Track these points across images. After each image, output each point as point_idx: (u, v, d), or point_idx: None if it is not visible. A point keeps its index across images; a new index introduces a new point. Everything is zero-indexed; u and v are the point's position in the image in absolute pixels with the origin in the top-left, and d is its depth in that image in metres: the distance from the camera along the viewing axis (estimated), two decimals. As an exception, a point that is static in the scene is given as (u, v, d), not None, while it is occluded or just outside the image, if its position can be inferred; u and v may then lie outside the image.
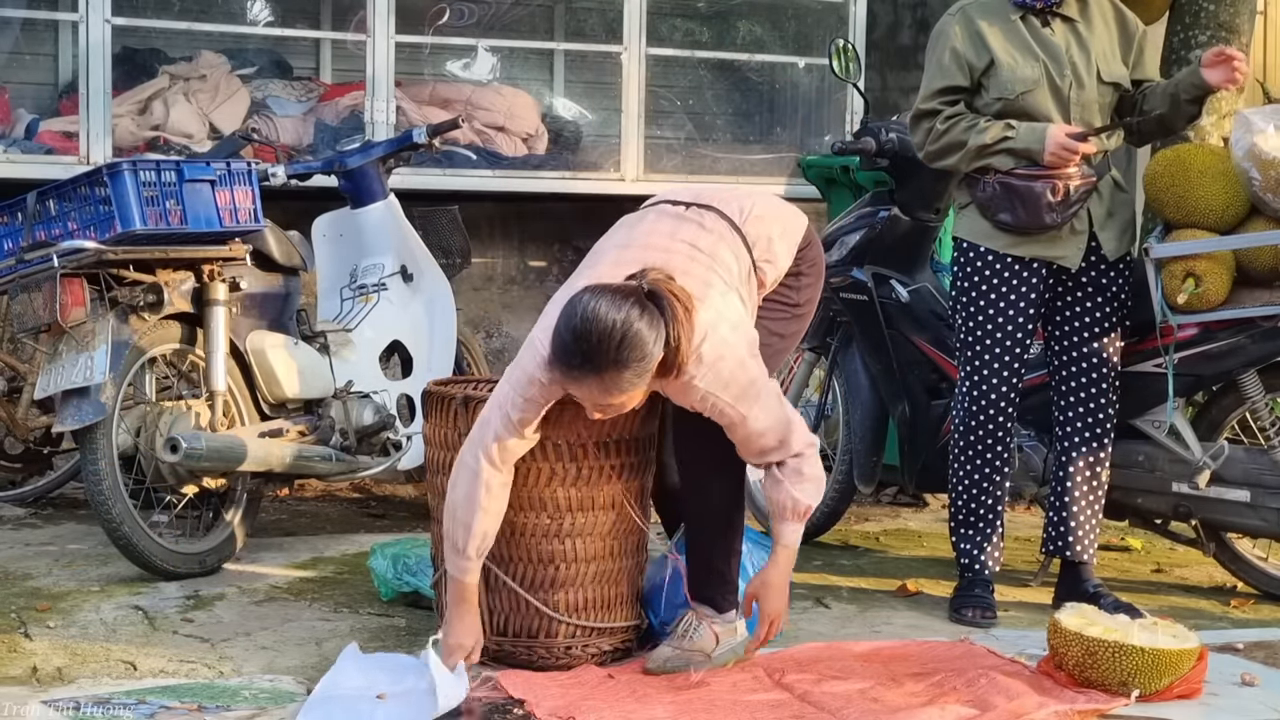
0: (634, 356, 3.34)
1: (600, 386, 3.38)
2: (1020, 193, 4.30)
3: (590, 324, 3.33)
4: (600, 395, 3.41)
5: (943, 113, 4.36)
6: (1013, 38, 4.35)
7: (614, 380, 3.37)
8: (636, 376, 3.37)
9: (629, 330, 3.32)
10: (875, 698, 3.56)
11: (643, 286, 3.39)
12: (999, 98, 4.33)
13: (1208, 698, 3.70)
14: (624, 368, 3.35)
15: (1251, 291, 4.41)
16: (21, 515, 5.41)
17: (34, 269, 4.36)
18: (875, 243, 5.13)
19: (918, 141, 4.45)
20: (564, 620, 3.78)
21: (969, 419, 4.44)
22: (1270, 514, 4.55)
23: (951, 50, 4.36)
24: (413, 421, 5.22)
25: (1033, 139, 4.27)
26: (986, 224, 4.38)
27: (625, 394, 3.42)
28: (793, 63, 7.46)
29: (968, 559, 4.49)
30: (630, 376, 3.37)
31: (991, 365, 4.40)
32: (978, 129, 4.30)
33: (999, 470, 4.46)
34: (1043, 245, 4.36)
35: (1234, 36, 6.19)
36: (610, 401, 3.43)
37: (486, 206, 7.06)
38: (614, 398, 3.42)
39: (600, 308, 3.34)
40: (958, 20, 4.39)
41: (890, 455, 5.23)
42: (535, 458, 3.70)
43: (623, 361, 3.34)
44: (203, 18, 6.93)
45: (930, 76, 4.40)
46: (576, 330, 3.34)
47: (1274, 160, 4.22)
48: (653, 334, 3.35)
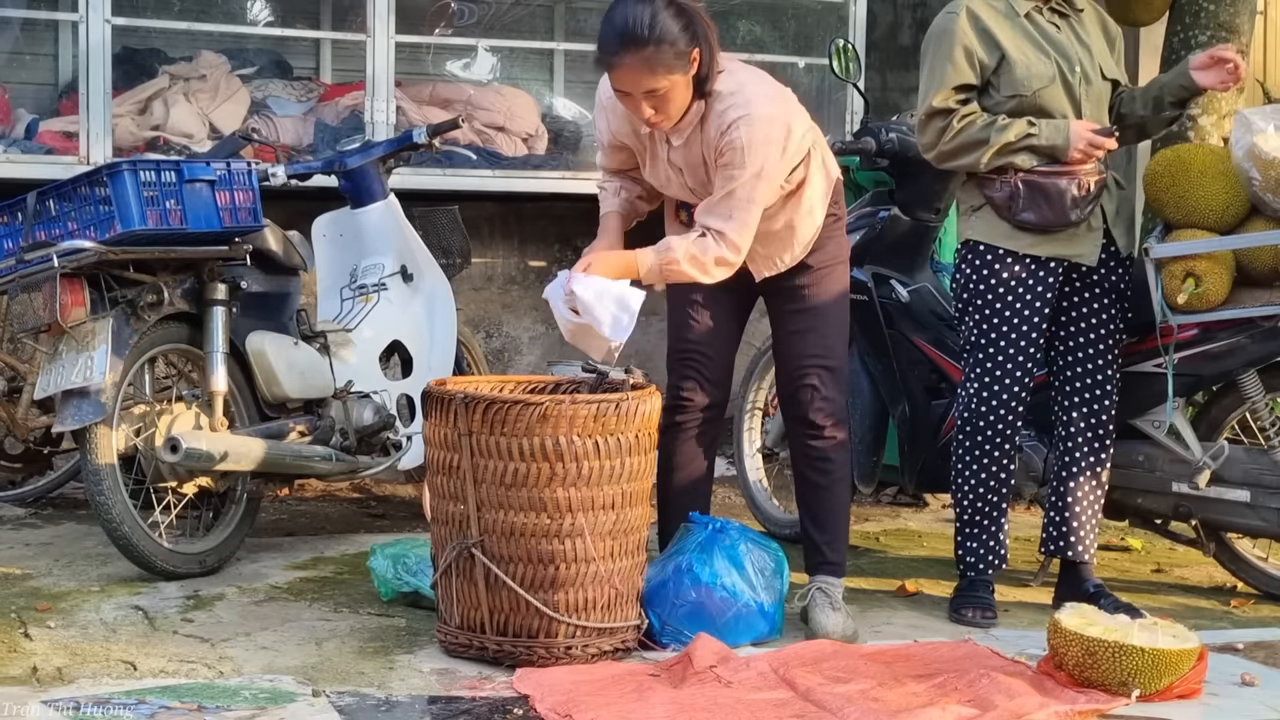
0: (664, 33, 3.77)
1: (641, 64, 3.79)
2: (1046, 190, 4.29)
3: (625, 10, 3.81)
4: (642, 76, 3.80)
5: (958, 111, 4.31)
6: (1022, 35, 4.34)
7: (653, 57, 3.77)
8: (670, 53, 3.78)
9: (656, 13, 3.79)
10: (876, 698, 3.57)
11: (681, 3, 3.86)
12: (1013, 95, 4.30)
13: (1208, 698, 3.70)
14: (658, 44, 3.77)
15: (1251, 291, 4.41)
16: (21, 515, 5.41)
17: (34, 269, 4.36)
18: (875, 243, 5.12)
19: (928, 141, 4.38)
20: (564, 620, 3.78)
21: (976, 419, 4.43)
22: (1270, 514, 4.55)
23: (964, 48, 4.30)
24: (413, 421, 5.22)
25: (1057, 136, 4.26)
26: (1006, 225, 4.35)
27: (665, 76, 3.80)
28: (793, 63, 7.45)
29: (972, 558, 4.49)
30: (665, 53, 3.78)
31: (1005, 366, 4.39)
32: (997, 127, 4.27)
33: (1005, 470, 4.46)
34: (1062, 244, 4.35)
35: (1234, 36, 6.18)
36: (654, 85, 3.80)
37: (486, 206, 7.06)
38: (656, 78, 3.80)
39: (632, 2, 3.83)
40: (963, 17, 4.33)
41: (890, 455, 5.22)
42: (535, 457, 3.71)
43: (655, 39, 3.77)
44: (203, 18, 6.93)
45: (940, 74, 4.33)
46: (612, 17, 3.83)
47: (1274, 160, 4.22)
48: (680, 23, 3.80)
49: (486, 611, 3.81)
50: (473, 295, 7.10)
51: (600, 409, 3.76)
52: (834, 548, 4.25)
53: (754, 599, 4.01)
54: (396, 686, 3.65)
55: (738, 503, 5.94)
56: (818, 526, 4.25)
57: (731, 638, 3.94)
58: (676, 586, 3.96)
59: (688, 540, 4.07)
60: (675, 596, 3.96)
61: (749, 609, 4.00)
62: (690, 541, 4.06)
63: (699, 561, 4.00)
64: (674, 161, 4.03)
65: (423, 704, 3.55)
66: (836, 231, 4.24)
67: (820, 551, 4.23)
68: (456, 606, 3.87)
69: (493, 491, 3.76)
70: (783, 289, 4.20)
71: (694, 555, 4.02)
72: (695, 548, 4.03)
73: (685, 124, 3.94)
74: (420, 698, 3.59)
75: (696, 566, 3.99)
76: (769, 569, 4.07)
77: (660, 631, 3.96)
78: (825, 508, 4.25)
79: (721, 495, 6.18)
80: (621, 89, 3.87)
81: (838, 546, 4.26)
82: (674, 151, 4.01)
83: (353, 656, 3.87)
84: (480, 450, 3.76)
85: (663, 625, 3.96)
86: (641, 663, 3.86)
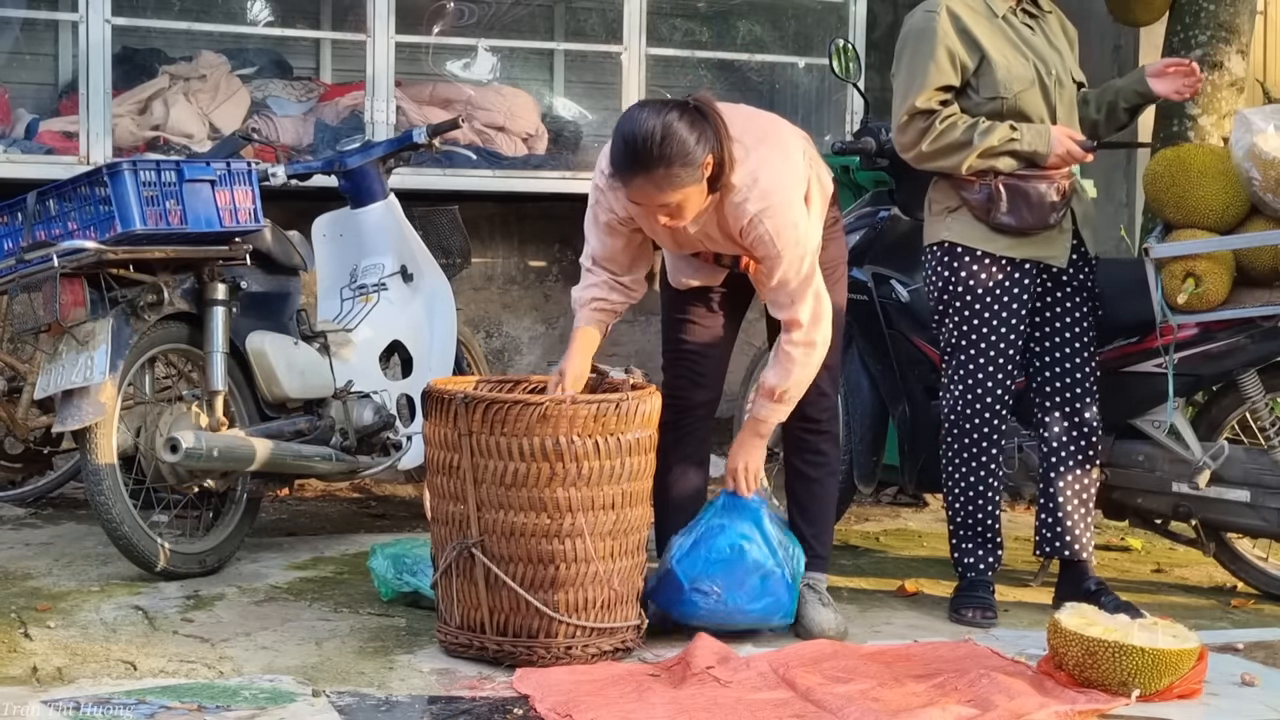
0: (676, 152, 3.71)
1: (652, 185, 3.75)
2: (1028, 195, 4.30)
3: (635, 126, 3.74)
4: (655, 194, 3.77)
5: (939, 113, 4.29)
6: (1001, 36, 4.33)
7: (663, 178, 3.73)
8: (683, 171, 3.73)
9: (669, 129, 3.72)
10: (876, 697, 3.57)
11: (688, 100, 3.81)
12: (993, 97, 4.29)
13: (1208, 698, 3.70)
14: (669, 165, 3.71)
15: (1251, 291, 4.41)
16: (21, 515, 5.41)
17: (34, 269, 4.36)
18: (875, 243, 5.12)
19: (907, 142, 4.34)
20: (564, 620, 3.78)
21: (963, 422, 4.43)
22: (1270, 514, 4.55)
23: (946, 48, 4.28)
24: (413, 421, 5.22)
25: (1039, 141, 4.27)
26: (983, 227, 4.35)
27: (678, 191, 3.75)
28: (793, 63, 7.45)
29: (970, 559, 4.49)
30: (677, 173, 3.72)
31: (986, 369, 4.39)
32: (980, 130, 4.27)
33: (994, 474, 4.46)
34: (1037, 246, 4.37)
35: (1234, 36, 6.19)
36: (667, 200, 3.77)
37: (486, 206, 7.06)
38: (668, 195, 3.76)
39: (644, 114, 3.77)
40: (944, 16, 4.29)
41: (890, 455, 5.23)
42: (535, 457, 3.71)
43: (666, 158, 3.70)
44: (203, 18, 6.93)
45: (922, 74, 4.28)
46: (624, 133, 3.75)
47: (1274, 160, 4.22)
48: (694, 135, 3.74)
49: (486, 611, 3.81)
50: (473, 295, 7.10)
51: (600, 409, 3.76)
52: (821, 541, 4.29)
53: (778, 567, 4.05)
54: (396, 686, 3.65)
55: (738, 503, 5.94)
56: (806, 520, 4.29)
57: (758, 602, 4.01)
58: (709, 543, 4.02)
59: (712, 509, 4.12)
60: (709, 552, 4.01)
61: (776, 574, 4.05)
62: (714, 509, 4.12)
63: (731, 523, 4.06)
64: (687, 231, 4.00)
65: (423, 704, 3.55)
66: (835, 234, 4.26)
67: (808, 545, 4.23)
68: (456, 606, 3.87)
69: (493, 491, 3.76)
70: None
71: (726, 518, 4.07)
72: (723, 512, 4.09)
73: (701, 215, 3.92)
74: (420, 698, 3.59)
75: (730, 527, 4.05)
76: (788, 545, 4.13)
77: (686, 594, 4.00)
78: (814, 501, 4.30)
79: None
80: (634, 201, 3.85)
81: (824, 540, 4.32)
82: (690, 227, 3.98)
83: (353, 656, 3.87)
84: (480, 450, 3.75)
85: (691, 585, 4.00)
86: (641, 663, 3.86)
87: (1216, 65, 6.16)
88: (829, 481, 4.33)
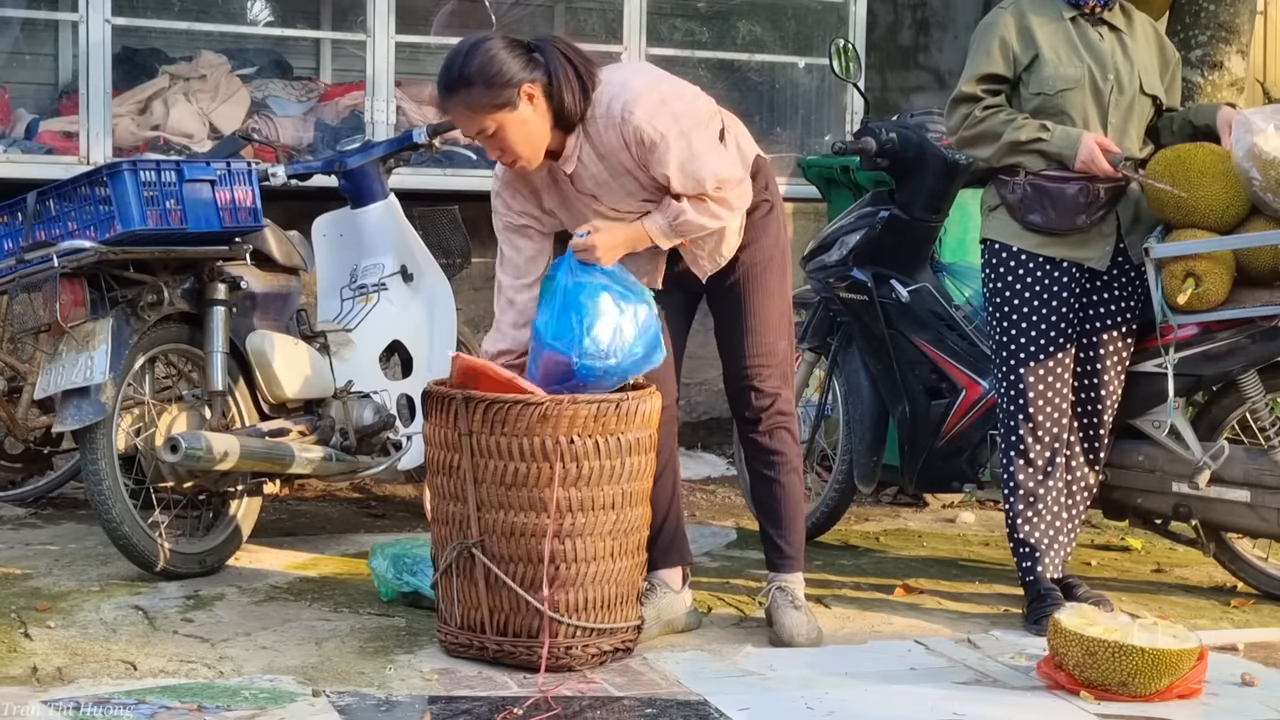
0: (478, 71, 3.62)
1: (464, 105, 3.68)
2: (1051, 194, 4.31)
3: (453, 49, 3.72)
4: (468, 116, 3.69)
5: (983, 100, 4.36)
6: (1061, 36, 4.36)
7: (472, 98, 3.65)
8: (491, 92, 3.63)
9: (479, 49, 3.65)
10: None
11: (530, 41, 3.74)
12: (1038, 93, 4.34)
13: (1208, 698, 3.70)
14: (471, 84, 3.63)
15: (1251, 291, 4.41)
16: (21, 515, 5.40)
17: (34, 269, 4.36)
18: (875, 243, 5.12)
19: (952, 125, 4.44)
20: (564, 620, 3.78)
21: (1016, 425, 4.39)
22: (1270, 514, 4.55)
23: (1000, 40, 4.36)
24: (413, 421, 5.22)
25: (1066, 145, 4.28)
26: (1016, 225, 4.38)
27: (489, 116, 3.66)
28: (793, 63, 7.44)
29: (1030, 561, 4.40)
30: (483, 91, 3.63)
31: (1027, 364, 4.37)
32: (1014, 124, 4.30)
33: (1052, 475, 4.42)
34: (1071, 246, 4.37)
35: (1234, 36, 6.19)
36: (482, 124, 3.68)
37: (486, 206, 7.02)
38: (481, 118, 3.67)
39: (467, 39, 3.72)
40: (1010, 12, 4.40)
41: (890, 455, 5.22)
42: (535, 457, 3.71)
43: (467, 78, 3.63)
44: (203, 18, 6.93)
45: (974, 62, 4.40)
46: (445, 57, 3.70)
47: (1274, 160, 4.22)
48: (511, 59, 3.66)
49: (486, 611, 3.81)
50: (473, 295, 7.09)
51: (600, 409, 3.76)
52: (789, 542, 4.20)
53: (645, 303, 3.85)
54: (396, 686, 3.65)
55: (738, 503, 5.94)
56: (770, 521, 4.21)
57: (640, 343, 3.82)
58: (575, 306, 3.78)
59: (561, 270, 3.85)
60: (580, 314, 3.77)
61: (645, 310, 3.84)
62: (563, 269, 3.84)
63: (588, 278, 3.82)
64: (587, 191, 3.89)
65: (423, 704, 3.55)
66: (770, 224, 4.13)
67: (776, 547, 4.19)
68: (456, 606, 3.87)
69: (493, 491, 3.76)
70: (719, 289, 4.13)
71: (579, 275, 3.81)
72: (572, 272, 3.82)
73: (567, 154, 3.83)
74: (420, 698, 3.59)
75: (588, 283, 3.81)
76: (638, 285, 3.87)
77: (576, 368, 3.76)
78: (777, 501, 4.19)
79: (721, 495, 6.19)
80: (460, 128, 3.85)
81: (793, 541, 4.20)
82: (579, 183, 3.88)
83: (353, 656, 3.87)
84: (480, 450, 3.75)
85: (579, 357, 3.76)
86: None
87: (1216, 65, 6.17)
88: (790, 479, 4.19)
